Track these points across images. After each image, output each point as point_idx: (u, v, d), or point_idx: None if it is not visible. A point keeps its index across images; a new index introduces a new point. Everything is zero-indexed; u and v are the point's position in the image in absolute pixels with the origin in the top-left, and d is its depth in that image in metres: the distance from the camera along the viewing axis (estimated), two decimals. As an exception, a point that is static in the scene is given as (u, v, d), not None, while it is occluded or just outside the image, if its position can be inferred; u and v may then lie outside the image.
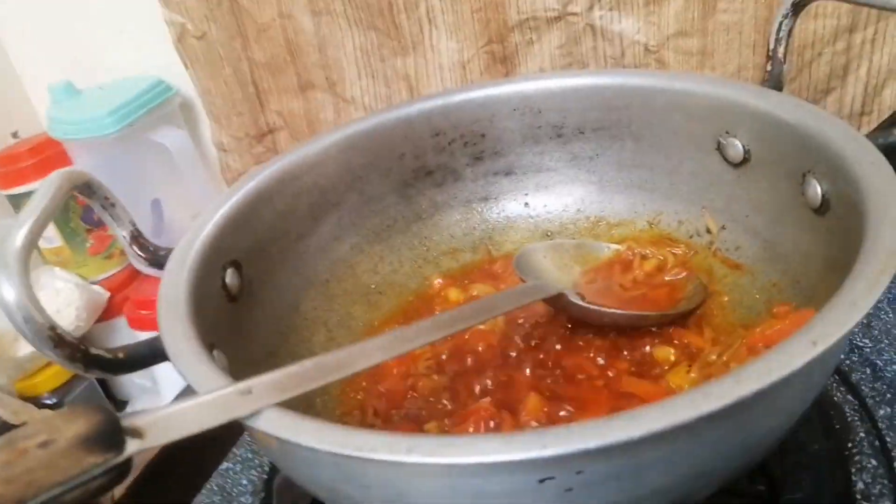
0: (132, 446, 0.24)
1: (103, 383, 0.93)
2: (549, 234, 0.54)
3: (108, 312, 0.90)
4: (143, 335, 0.84)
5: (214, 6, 0.70)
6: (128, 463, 0.25)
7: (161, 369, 0.87)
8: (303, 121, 0.75)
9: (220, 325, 0.40)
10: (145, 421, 0.25)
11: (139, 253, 0.42)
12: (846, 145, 0.36)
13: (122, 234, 0.42)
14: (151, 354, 0.35)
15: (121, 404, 0.94)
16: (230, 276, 0.43)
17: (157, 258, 0.42)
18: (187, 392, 0.71)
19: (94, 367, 0.33)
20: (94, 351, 0.33)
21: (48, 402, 0.83)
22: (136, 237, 0.42)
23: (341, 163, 0.50)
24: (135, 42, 0.80)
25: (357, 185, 0.51)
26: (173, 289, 0.37)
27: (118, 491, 0.71)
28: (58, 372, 0.86)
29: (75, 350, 0.32)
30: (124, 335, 0.89)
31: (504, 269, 0.52)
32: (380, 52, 0.68)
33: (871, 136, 0.37)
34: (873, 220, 0.31)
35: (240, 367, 0.37)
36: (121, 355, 0.35)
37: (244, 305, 0.43)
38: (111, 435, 0.24)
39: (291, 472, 0.33)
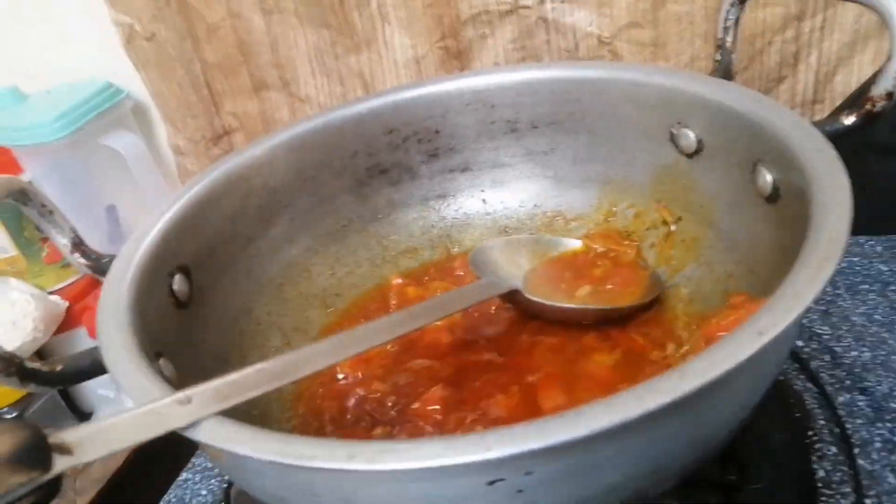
0: (60, 464, 0.23)
1: (66, 395, 0.91)
2: (507, 230, 0.54)
3: (66, 323, 0.88)
4: (102, 345, 0.82)
5: (163, 6, 0.69)
6: (58, 480, 0.24)
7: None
8: (258, 121, 0.74)
9: (167, 332, 0.39)
10: (75, 437, 0.24)
11: (81, 260, 0.41)
12: (793, 133, 0.36)
13: (62, 241, 0.41)
14: (91, 366, 0.34)
15: (84, 416, 0.92)
16: (178, 283, 0.41)
17: (101, 265, 0.41)
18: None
19: (31, 381, 0.32)
20: (29, 364, 0.32)
21: (8, 415, 0.81)
22: (78, 244, 0.41)
23: (291, 163, 0.49)
24: (83, 45, 0.78)
25: (309, 185, 0.50)
26: (114, 296, 0.36)
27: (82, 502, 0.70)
28: (15, 386, 0.83)
29: (9, 364, 0.31)
30: (85, 346, 0.86)
31: (463, 267, 0.52)
32: (333, 50, 0.67)
33: (818, 123, 0.37)
34: (818, 207, 0.31)
35: (189, 375, 0.36)
36: (59, 368, 0.33)
37: (194, 312, 0.42)
38: (37, 452, 0.23)
39: (241, 483, 0.32)
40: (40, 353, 0.87)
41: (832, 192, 0.31)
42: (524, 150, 0.52)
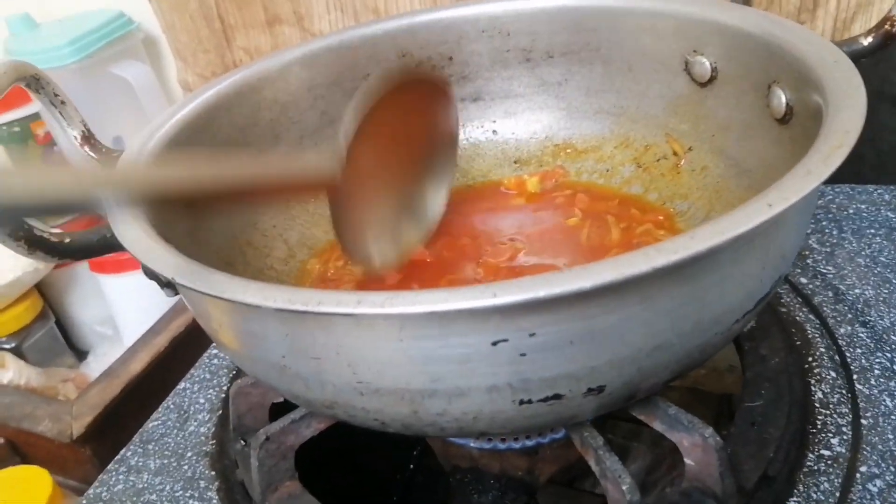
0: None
1: (63, 331, 0.91)
2: (517, 161, 0.54)
3: (68, 257, 0.88)
4: (106, 279, 0.83)
5: (179, -66, 0.69)
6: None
7: (122, 317, 0.86)
8: (270, 57, 0.73)
9: (175, 228, 0.39)
10: None
11: (91, 154, 0.41)
12: (810, 49, 0.36)
13: (72, 133, 0.41)
14: (99, 243, 0.34)
15: (81, 353, 0.92)
16: (186, 183, 0.41)
17: (110, 160, 0.41)
18: (147, 338, 0.69)
19: (38, 249, 0.32)
20: (38, 231, 0.32)
21: (6, 346, 0.82)
22: (88, 138, 0.41)
23: (303, 80, 0.49)
24: (97, -26, 0.78)
25: (319, 104, 0.50)
26: (125, 180, 0.36)
27: (77, 429, 0.70)
28: (17, 316, 0.84)
29: (18, 227, 0.31)
30: (85, 280, 0.87)
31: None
32: (349, -16, 0.66)
33: (837, 43, 0.37)
34: (833, 106, 0.30)
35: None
36: (67, 240, 0.33)
37: (201, 214, 0.42)
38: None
39: (241, 357, 0.32)
40: (41, 288, 0.88)
41: (847, 92, 0.31)
42: (538, 80, 0.52)
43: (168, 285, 0.34)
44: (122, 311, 0.83)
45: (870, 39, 0.38)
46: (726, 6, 0.43)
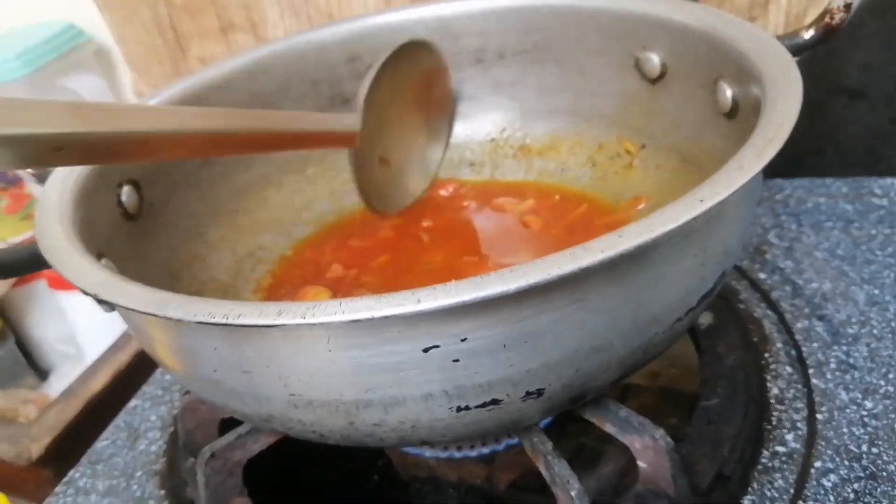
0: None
1: (25, 352, 0.89)
2: (472, 163, 0.53)
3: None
4: (65, 296, 0.81)
5: (128, -57, 0.67)
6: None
7: (83, 335, 0.84)
8: (226, 66, 0.72)
9: (113, 240, 0.38)
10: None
11: (28, 169, 0.40)
12: (751, 45, 0.36)
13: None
14: (30, 259, 0.33)
15: (43, 374, 0.90)
16: (127, 195, 0.40)
17: (48, 174, 0.40)
18: (108, 355, 0.67)
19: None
20: (-41, 250, 0.31)
21: (-37, 368, 0.80)
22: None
23: (250, 88, 0.48)
24: (46, -14, 0.76)
25: (268, 111, 0.49)
26: (57, 193, 0.35)
27: (35, 451, 0.68)
28: (-25, 339, 0.82)
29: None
30: (44, 297, 0.85)
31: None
32: (302, -10, 0.66)
33: (778, 38, 0.37)
34: (770, 100, 0.30)
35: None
36: (-6, 256, 0.32)
37: (143, 226, 0.41)
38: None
39: (177, 373, 0.31)
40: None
41: (785, 85, 0.30)
42: (490, 81, 0.52)
43: (103, 301, 0.33)
44: (83, 328, 0.81)
45: (811, 33, 0.37)
46: (672, 3, 0.43)
